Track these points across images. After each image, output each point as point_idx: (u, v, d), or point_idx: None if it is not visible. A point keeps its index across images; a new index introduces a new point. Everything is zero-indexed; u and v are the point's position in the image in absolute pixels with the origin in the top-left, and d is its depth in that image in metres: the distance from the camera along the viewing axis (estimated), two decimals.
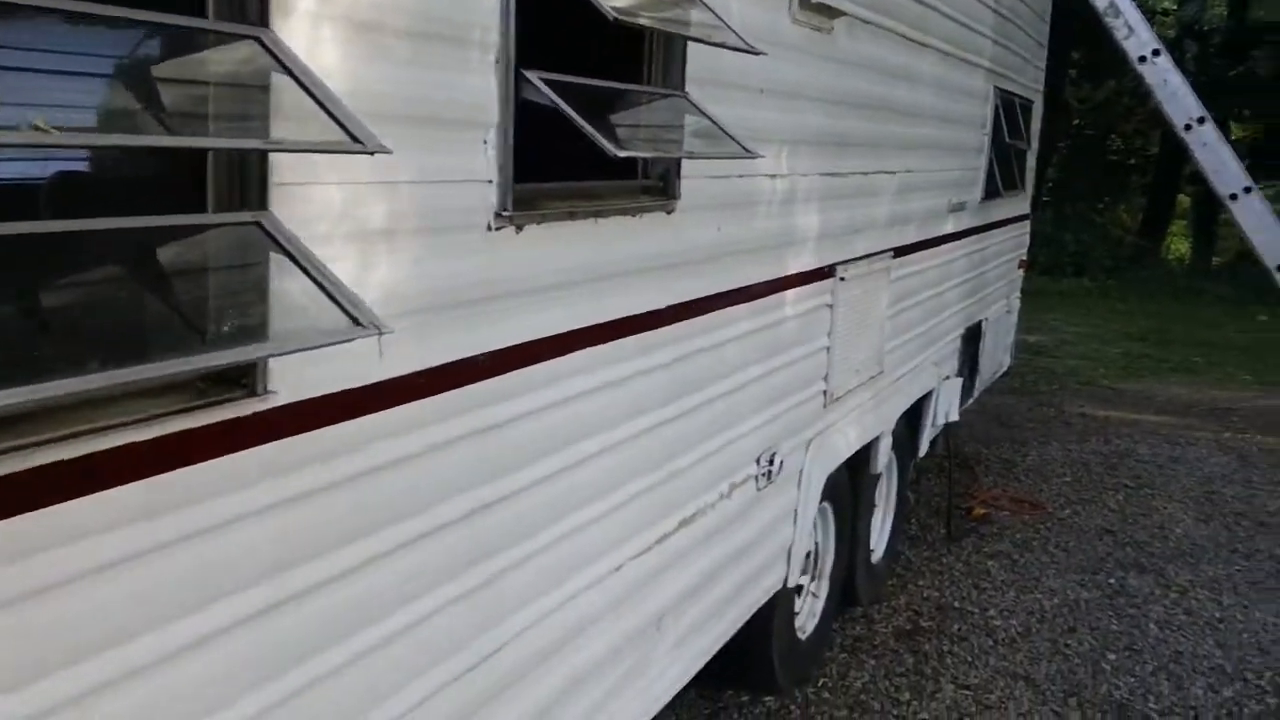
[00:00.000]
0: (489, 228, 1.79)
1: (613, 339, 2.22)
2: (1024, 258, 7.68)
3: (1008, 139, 6.26)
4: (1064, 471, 7.56)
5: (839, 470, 4.13)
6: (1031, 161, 7.34)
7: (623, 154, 1.82)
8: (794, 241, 3.38)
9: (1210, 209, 23.00)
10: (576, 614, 2.23)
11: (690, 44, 2.37)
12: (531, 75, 1.73)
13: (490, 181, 1.77)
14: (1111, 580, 5.57)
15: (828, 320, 3.80)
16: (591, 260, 2.13)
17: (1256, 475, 7.69)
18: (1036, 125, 7.37)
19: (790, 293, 3.41)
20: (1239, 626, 5.10)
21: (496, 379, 1.82)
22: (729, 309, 2.92)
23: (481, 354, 1.78)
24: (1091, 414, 9.45)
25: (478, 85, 1.73)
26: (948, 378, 5.70)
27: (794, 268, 3.40)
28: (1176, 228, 25.44)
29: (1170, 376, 11.30)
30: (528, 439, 1.96)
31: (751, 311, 3.10)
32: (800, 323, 3.55)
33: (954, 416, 5.78)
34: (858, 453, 4.36)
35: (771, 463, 3.42)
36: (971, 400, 6.69)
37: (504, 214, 1.80)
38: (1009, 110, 6.36)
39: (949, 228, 5.32)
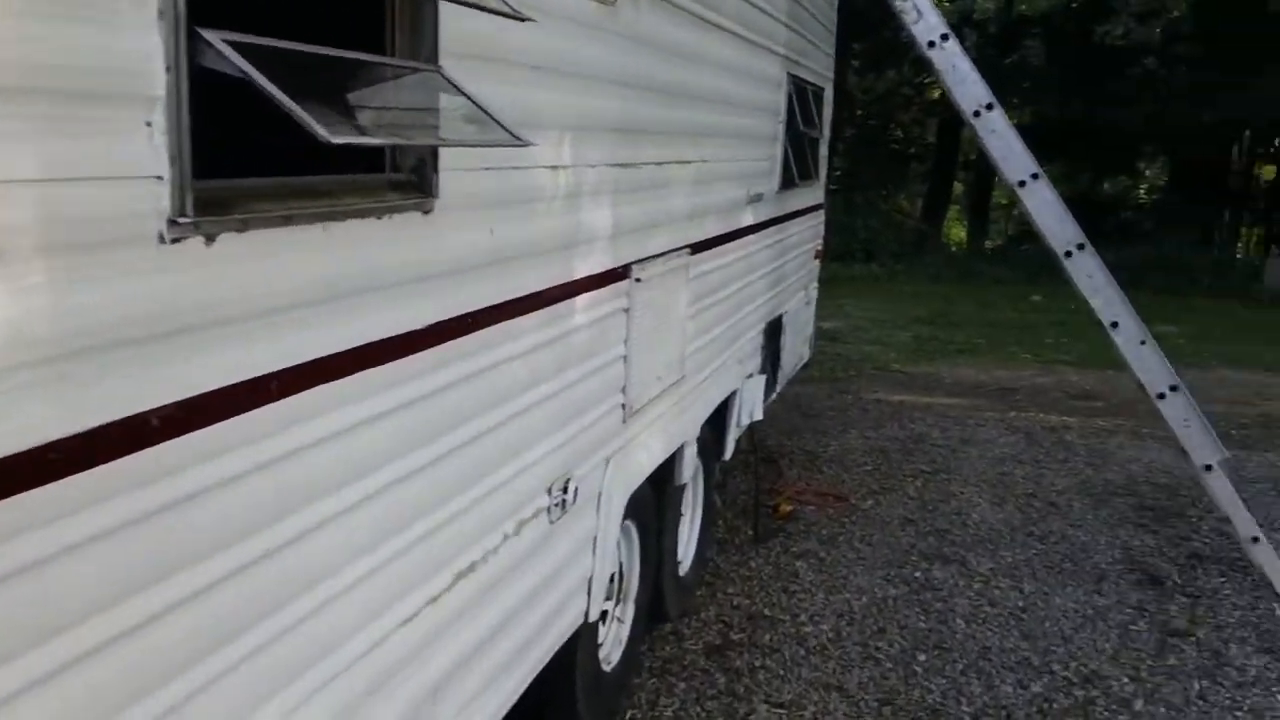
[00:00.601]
0: (161, 239, 1.32)
1: (354, 372, 1.78)
2: (820, 248, 7.59)
3: (802, 127, 6.10)
4: (864, 460, 7.53)
5: (642, 487, 3.81)
6: (824, 150, 7.24)
7: (338, 140, 1.38)
8: (582, 241, 3.01)
9: (983, 195, 24.23)
10: (315, 714, 1.79)
11: (443, 8, 1.96)
12: (209, 35, 1.28)
13: (159, 178, 1.31)
14: (917, 574, 5.49)
15: (624, 326, 3.46)
16: (322, 276, 1.69)
17: (1042, 454, 7.89)
18: (828, 113, 7.28)
19: (580, 299, 3.04)
20: (1041, 615, 5.09)
21: (179, 440, 1.36)
22: (507, 323, 2.52)
23: (155, 409, 1.31)
24: (887, 399, 9.56)
25: (134, 46, 1.26)
26: (751, 376, 5.49)
27: (584, 271, 3.04)
28: (953, 213, 26.67)
29: (957, 358, 11.63)
30: (227, 516, 1.49)
31: (535, 324, 2.72)
32: (593, 332, 3.19)
33: (758, 415, 5.57)
34: (662, 465, 4.06)
35: (566, 490, 3.05)
36: (774, 396, 6.53)
37: (182, 220, 1.33)
38: (802, 97, 6.20)
39: (748, 220, 5.09)
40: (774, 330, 6.12)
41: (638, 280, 3.50)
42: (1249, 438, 8.36)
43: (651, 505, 4.14)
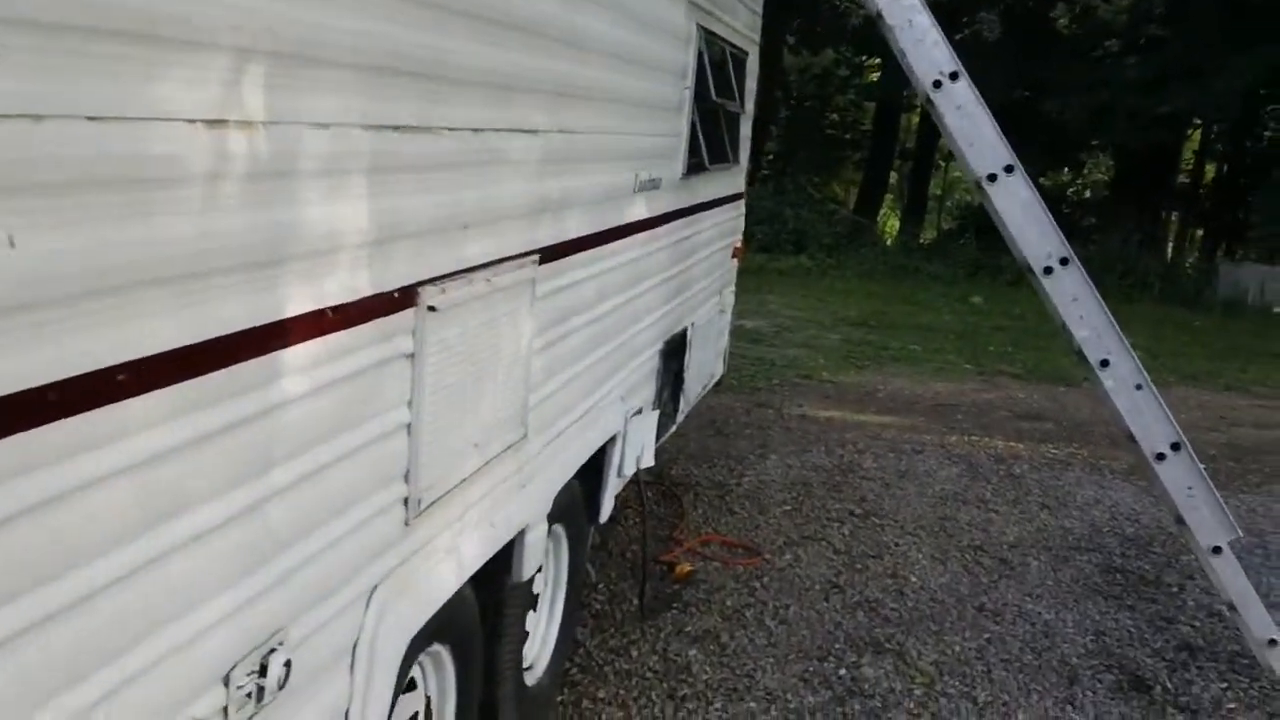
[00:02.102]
0: None
1: None
2: (739, 244, 6.39)
3: (716, 98, 4.87)
4: (783, 497, 6.38)
5: (451, 604, 2.57)
6: (746, 129, 6.03)
7: None
8: (296, 254, 1.76)
9: (921, 185, 23.29)
10: None
11: None
12: None
13: None
14: (842, 671, 4.33)
15: (407, 379, 2.21)
16: None
17: (989, 491, 6.81)
18: (752, 85, 6.06)
19: (299, 349, 1.80)
20: None
21: None
22: (109, 406, 1.29)
23: None
24: (813, 415, 8.43)
25: None
26: (639, 413, 4.27)
27: (303, 301, 1.79)
28: (888, 203, 25.75)
29: (891, 366, 10.55)
30: None
31: (191, 399, 1.49)
32: (341, 396, 1.95)
33: (648, 461, 4.36)
34: (490, 561, 2.83)
35: (264, 672, 1.80)
36: (674, 428, 5.32)
37: None
38: (718, 61, 4.98)
39: (637, 213, 3.86)
40: (675, 349, 4.91)
41: (433, 309, 2.25)
42: (1218, 473, 7.37)
43: (473, 614, 2.91)
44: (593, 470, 3.85)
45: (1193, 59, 14.93)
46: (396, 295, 2.11)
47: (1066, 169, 22.44)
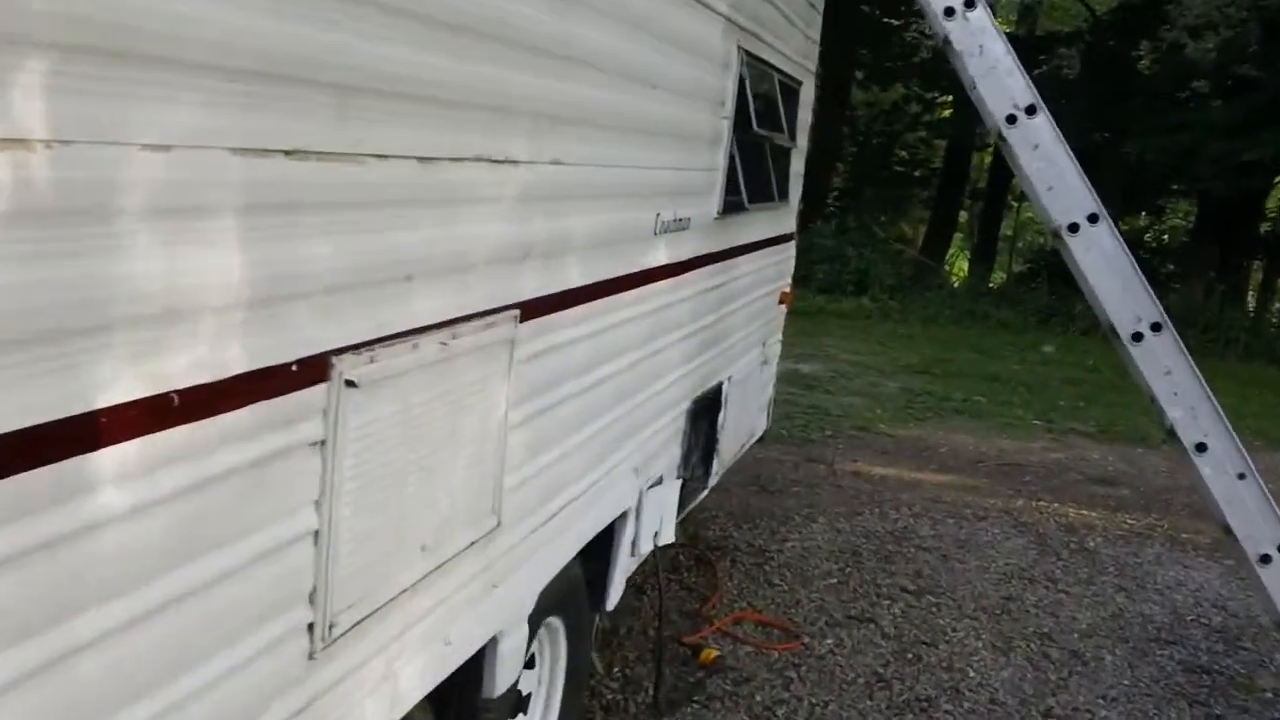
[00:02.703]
0: None
1: None
2: (787, 289, 5.86)
3: (761, 129, 4.37)
4: (829, 567, 5.80)
5: None
6: (798, 165, 5.51)
7: None
8: (131, 317, 1.29)
9: (991, 226, 22.51)
10: None
11: None
12: None
13: None
14: None
15: (314, 474, 1.73)
16: None
17: (1058, 568, 6.16)
18: (806, 118, 5.55)
19: (135, 445, 1.32)
20: None
21: None
22: None
23: None
24: (867, 472, 7.83)
25: None
26: (659, 482, 3.75)
27: (136, 382, 1.31)
28: (956, 243, 25.00)
29: (954, 419, 9.90)
30: None
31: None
32: (204, 504, 1.47)
33: (668, 536, 3.83)
34: (459, 672, 2.32)
35: None
36: (705, 493, 4.79)
37: None
38: (765, 90, 4.48)
39: (659, 258, 3.36)
40: (707, 407, 4.39)
41: (352, 384, 1.76)
42: None
43: None
44: (600, 550, 3.34)
45: None
46: (295, 369, 1.63)
47: (1144, 214, 21.50)
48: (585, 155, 2.62)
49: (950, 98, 20.84)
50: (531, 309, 2.41)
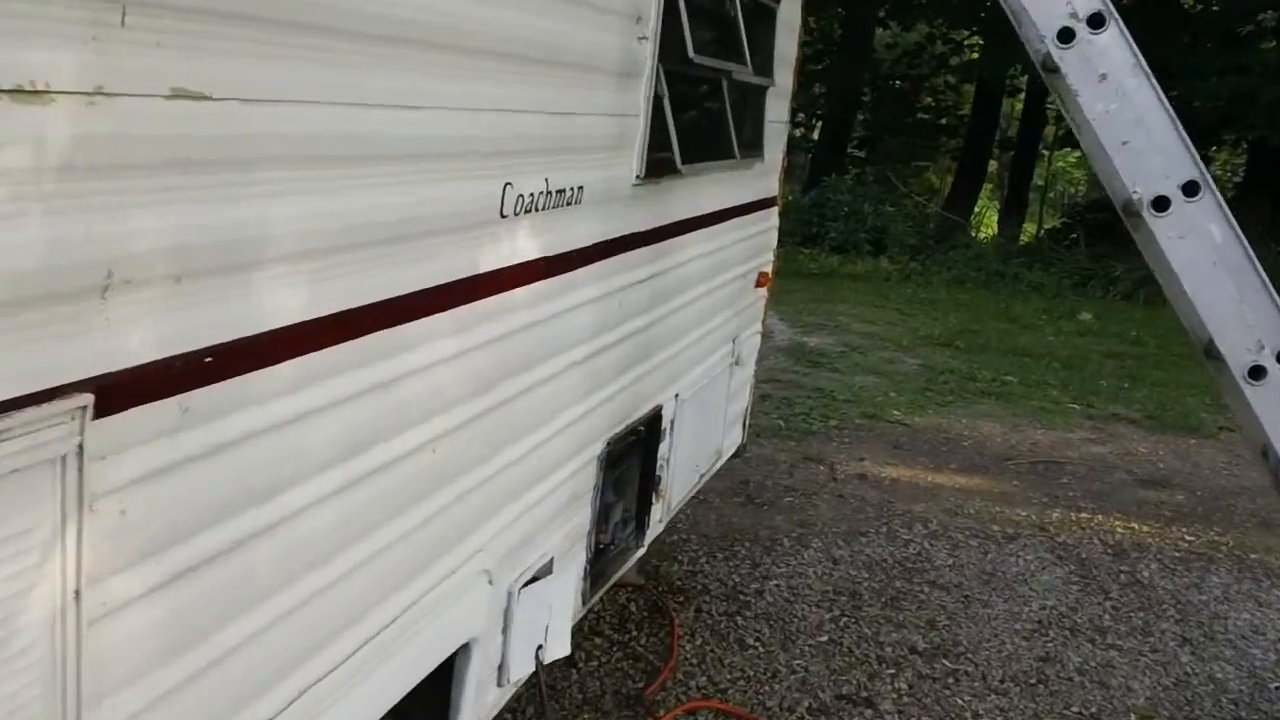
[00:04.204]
0: None
1: None
2: (767, 268, 4.64)
3: (706, 59, 3.13)
4: (820, 618, 4.66)
5: None
6: (778, 110, 4.26)
7: None
8: None
9: (1022, 178, 21.02)
10: None
11: None
12: None
13: None
14: None
15: None
16: None
17: (1108, 613, 4.99)
18: (789, 46, 4.28)
19: None
20: None
21: None
22: None
23: None
24: (875, 475, 6.66)
25: None
26: (545, 572, 2.57)
27: None
28: (985, 195, 23.53)
29: (979, 404, 8.67)
30: None
31: None
32: None
33: (560, 650, 2.67)
34: None
35: None
36: (641, 551, 3.61)
37: None
38: (716, 6, 3.23)
39: (515, 252, 2.16)
40: (638, 443, 3.21)
41: None
42: None
43: None
44: (439, 684, 2.18)
45: None
46: None
47: None
48: (314, 86, 1.43)
49: (979, 39, 19.33)
50: (127, 388, 1.22)
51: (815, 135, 21.71)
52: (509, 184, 2.05)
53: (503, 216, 2.05)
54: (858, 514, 5.96)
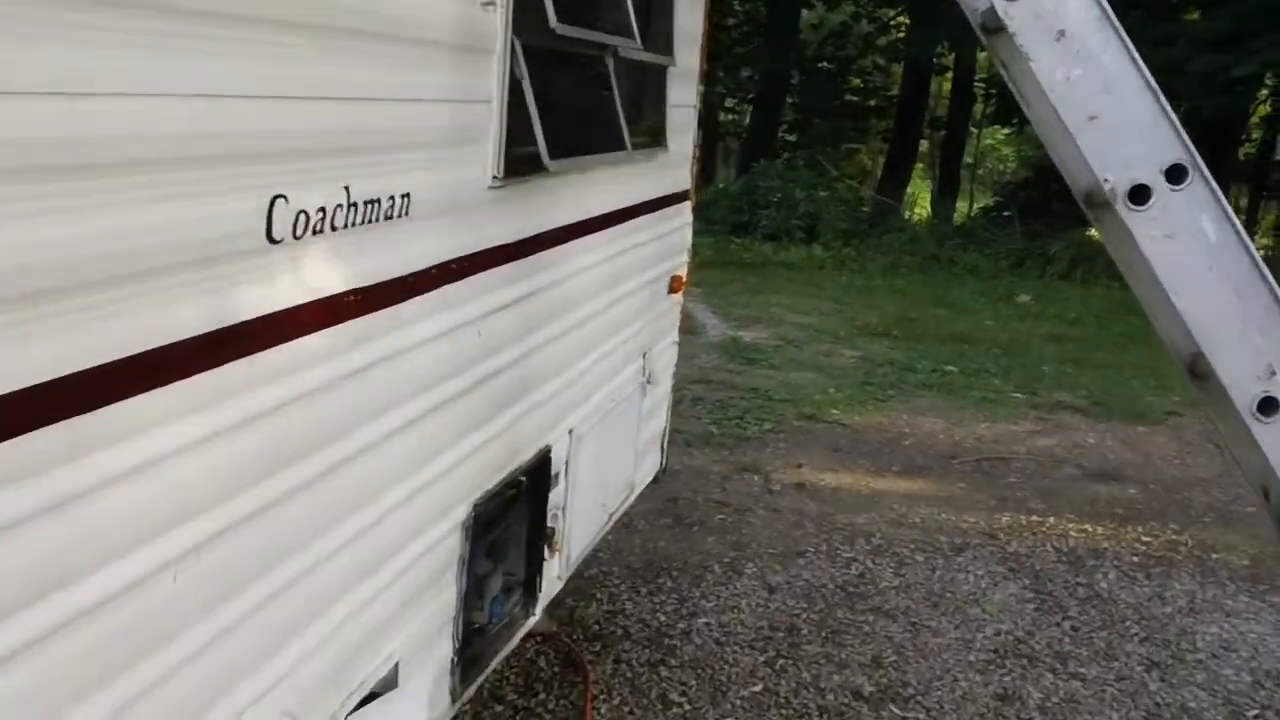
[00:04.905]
0: None
1: None
2: (681, 272, 4.11)
3: (578, 30, 2.58)
4: (752, 662, 4.17)
5: None
6: (684, 93, 3.72)
7: None
8: None
9: (954, 157, 20.76)
10: None
11: None
12: None
13: None
14: None
15: None
16: None
17: (1067, 635, 4.57)
18: (692, 20, 3.75)
19: None
20: None
21: None
22: None
23: None
24: (814, 484, 6.19)
25: None
26: (389, 686, 2.02)
27: None
28: (917, 175, 23.27)
29: (920, 397, 8.25)
30: None
31: None
32: None
33: None
34: None
35: None
36: (533, 619, 3.07)
37: None
38: None
39: (298, 287, 1.60)
40: (521, 495, 2.66)
41: None
42: None
43: None
44: None
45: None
46: None
47: None
48: None
49: (904, 19, 19.00)
50: None
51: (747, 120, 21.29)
52: (280, 197, 1.50)
53: (273, 241, 1.50)
54: (795, 530, 5.48)
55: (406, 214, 1.86)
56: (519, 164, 2.27)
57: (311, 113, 1.56)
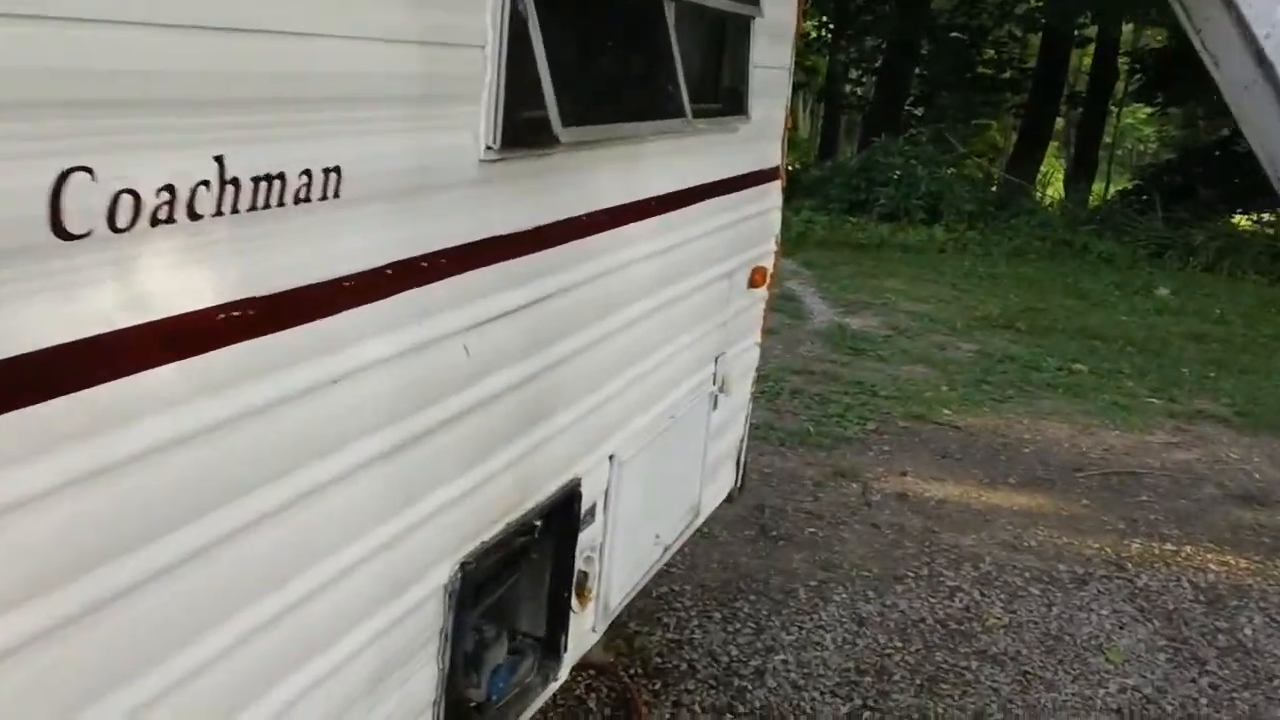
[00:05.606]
0: None
1: None
2: (766, 263, 3.55)
3: None
4: (831, 712, 3.66)
5: None
6: (773, 51, 3.14)
7: None
8: None
9: (1090, 139, 19.50)
10: None
11: None
12: None
13: None
14: None
15: None
16: None
17: (1204, 693, 3.96)
18: None
19: None
20: None
21: None
22: None
23: None
24: (918, 496, 5.59)
25: None
26: None
27: None
28: (1051, 153, 21.99)
29: (1044, 399, 7.51)
30: None
31: None
32: None
33: None
34: None
35: None
36: (555, 686, 2.57)
37: None
38: None
39: (109, 307, 1.12)
40: (549, 538, 2.17)
41: None
42: None
43: None
44: None
45: None
46: None
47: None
48: None
49: None
50: None
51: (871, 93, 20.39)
52: (83, 170, 1.01)
53: (66, 237, 1.02)
54: (894, 550, 4.90)
55: (335, 195, 1.38)
56: (523, 132, 1.76)
57: (148, 46, 1.07)
